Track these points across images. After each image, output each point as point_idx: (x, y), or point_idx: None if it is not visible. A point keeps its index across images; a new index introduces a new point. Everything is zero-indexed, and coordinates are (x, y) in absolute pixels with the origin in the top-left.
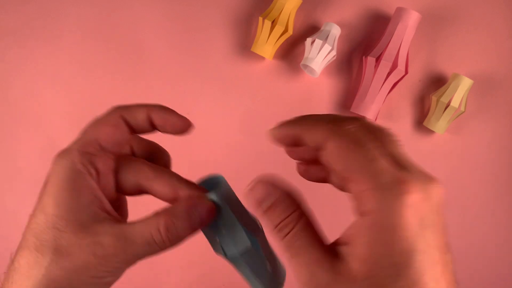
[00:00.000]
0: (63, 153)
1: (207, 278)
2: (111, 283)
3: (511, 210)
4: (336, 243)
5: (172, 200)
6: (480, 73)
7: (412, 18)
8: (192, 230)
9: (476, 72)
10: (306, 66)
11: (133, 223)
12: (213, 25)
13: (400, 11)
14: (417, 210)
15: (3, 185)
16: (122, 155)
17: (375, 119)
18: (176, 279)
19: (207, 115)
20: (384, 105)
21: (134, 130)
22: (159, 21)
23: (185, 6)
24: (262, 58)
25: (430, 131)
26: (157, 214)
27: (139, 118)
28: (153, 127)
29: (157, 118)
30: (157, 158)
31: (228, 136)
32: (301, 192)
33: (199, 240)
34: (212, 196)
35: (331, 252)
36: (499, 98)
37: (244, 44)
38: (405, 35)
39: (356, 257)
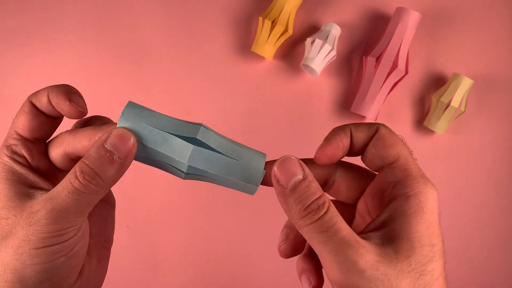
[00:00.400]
0: None
1: (207, 278)
2: (62, 251)
3: (511, 210)
4: (360, 233)
5: None
6: (480, 73)
7: (412, 18)
8: (112, 165)
9: (476, 72)
10: (306, 66)
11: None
12: (213, 25)
13: (400, 11)
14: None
15: None
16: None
17: (375, 119)
18: (176, 279)
19: (207, 115)
20: (384, 105)
21: (45, 114)
22: (159, 20)
23: (185, 6)
24: (262, 58)
25: (430, 131)
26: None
27: (43, 101)
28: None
29: (53, 101)
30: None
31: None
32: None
33: (198, 240)
34: (120, 123)
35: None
36: (499, 98)
37: (244, 44)
38: (405, 35)
39: (396, 238)
